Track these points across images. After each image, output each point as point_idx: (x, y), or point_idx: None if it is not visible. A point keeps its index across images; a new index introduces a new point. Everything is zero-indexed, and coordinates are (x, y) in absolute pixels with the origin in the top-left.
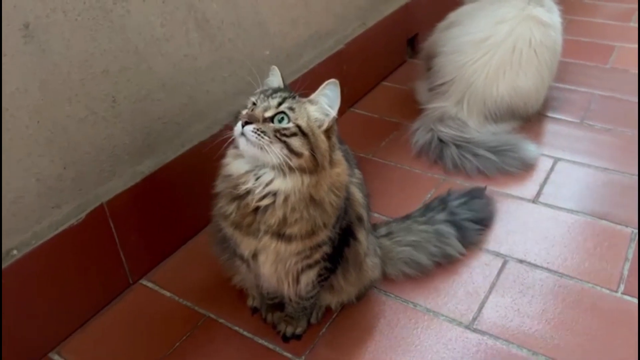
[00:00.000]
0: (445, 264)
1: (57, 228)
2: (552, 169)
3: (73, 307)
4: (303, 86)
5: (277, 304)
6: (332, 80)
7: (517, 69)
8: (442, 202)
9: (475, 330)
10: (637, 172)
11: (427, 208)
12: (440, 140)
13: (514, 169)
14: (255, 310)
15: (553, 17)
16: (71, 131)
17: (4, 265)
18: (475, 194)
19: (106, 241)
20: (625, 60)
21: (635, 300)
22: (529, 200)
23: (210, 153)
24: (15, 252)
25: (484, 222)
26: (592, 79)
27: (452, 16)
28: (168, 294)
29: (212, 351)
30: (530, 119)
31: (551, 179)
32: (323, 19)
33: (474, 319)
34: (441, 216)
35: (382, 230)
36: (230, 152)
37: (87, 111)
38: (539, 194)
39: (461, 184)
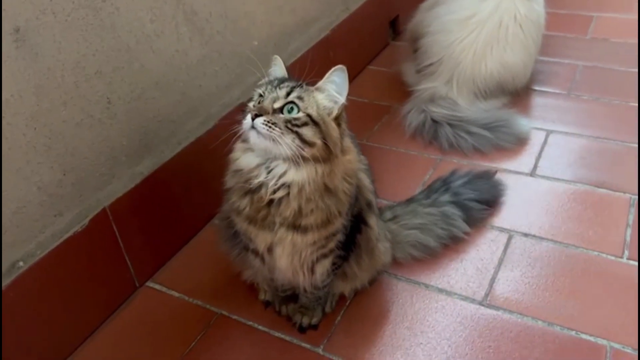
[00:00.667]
0: (452, 244)
1: (61, 236)
2: (545, 141)
3: (81, 315)
4: (296, 75)
5: (290, 296)
6: (339, 66)
7: (504, 44)
8: (444, 183)
9: (489, 306)
10: (628, 140)
11: (430, 190)
12: (434, 121)
13: (509, 144)
14: (267, 303)
15: None
16: (68, 136)
17: (10, 278)
18: (481, 175)
19: (110, 246)
20: (604, 29)
21: None
22: (526, 174)
23: (207, 150)
24: (21, 263)
25: (489, 202)
26: (574, 50)
27: None
28: (176, 294)
29: (229, 348)
30: (518, 94)
31: (545, 152)
32: (307, 5)
33: (487, 295)
34: (445, 197)
35: (387, 214)
36: (238, 146)
37: (83, 114)
38: (535, 167)
39: (458, 162)
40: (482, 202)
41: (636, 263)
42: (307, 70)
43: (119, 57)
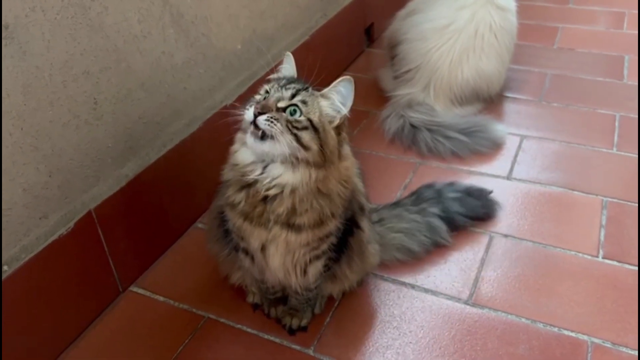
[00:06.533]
0: (434, 249)
1: (46, 239)
2: (519, 146)
3: (65, 321)
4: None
5: (279, 298)
6: (347, 77)
7: (479, 53)
8: (437, 195)
9: (474, 305)
10: (598, 145)
11: (419, 197)
12: (412, 126)
13: (485, 148)
14: (256, 306)
15: (509, 1)
16: (55, 136)
17: None
18: (475, 192)
19: (95, 249)
20: (569, 40)
21: (616, 263)
22: (503, 178)
23: (190, 152)
24: (5, 267)
25: (479, 218)
26: (543, 59)
27: (412, 4)
28: (162, 298)
29: (218, 351)
30: (492, 100)
31: (520, 156)
32: (288, 10)
33: (472, 294)
34: (434, 209)
35: (374, 217)
36: (239, 137)
37: (69, 115)
38: (511, 170)
39: (437, 166)
40: (471, 218)
41: (611, 262)
42: None
43: (106, 57)
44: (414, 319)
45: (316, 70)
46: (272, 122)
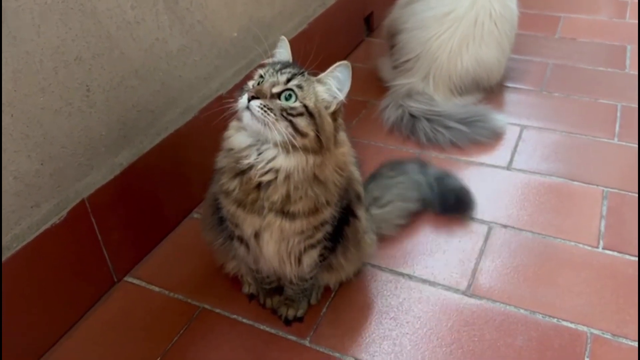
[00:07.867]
0: (434, 233)
1: (38, 229)
2: (520, 136)
3: (58, 311)
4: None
5: (275, 289)
6: (344, 62)
7: (479, 41)
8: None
9: (472, 296)
10: (599, 135)
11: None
12: (412, 116)
13: (485, 138)
14: (252, 296)
15: None
16: (46, 124)
17: None
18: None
19: (88, 239)
20: (571, 30)
21: (616, 254)
22: (503, 168)
23: (185, 141)
24: None
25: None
26: (544, 49)
27: None
28: (157, 289)
29: (213, 341)
30: (492, 90)
31: (520, 146)
32: None
33: (470, 285)
34: (414, 167)
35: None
36: (233, 124)
37: (62, 102)
38: (511, 160)
39: (436, 156)
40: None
41: (611, 252)
42: None
43: (99, 43)
44: (411, 309)
45: (312, 58)
46: (265, 111)
